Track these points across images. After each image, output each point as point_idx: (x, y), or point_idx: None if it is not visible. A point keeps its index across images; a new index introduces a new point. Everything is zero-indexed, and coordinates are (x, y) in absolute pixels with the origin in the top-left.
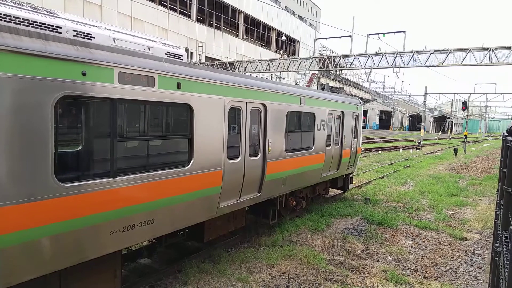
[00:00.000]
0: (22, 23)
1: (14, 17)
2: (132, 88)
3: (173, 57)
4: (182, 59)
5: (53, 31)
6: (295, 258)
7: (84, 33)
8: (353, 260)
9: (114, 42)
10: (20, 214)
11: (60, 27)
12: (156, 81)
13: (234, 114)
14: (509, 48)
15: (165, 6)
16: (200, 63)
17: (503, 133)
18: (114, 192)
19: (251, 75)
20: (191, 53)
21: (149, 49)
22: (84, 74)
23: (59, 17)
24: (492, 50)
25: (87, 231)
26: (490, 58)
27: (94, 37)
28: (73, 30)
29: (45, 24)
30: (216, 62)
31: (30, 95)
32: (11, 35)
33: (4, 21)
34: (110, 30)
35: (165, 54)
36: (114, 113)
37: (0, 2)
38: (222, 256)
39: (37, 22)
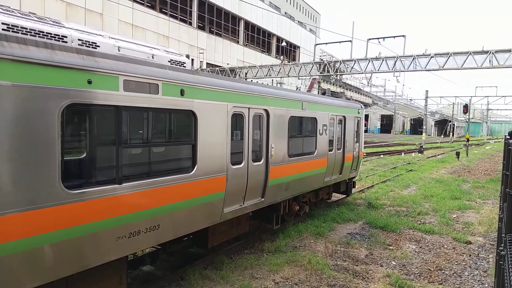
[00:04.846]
0: (29, 33)
1: (21, 27)
2: (136, 96)
3: (176, 65)
4: (185, 67)
5: (59, 41)
6: (298, 263)
7: (89, 42)
8: (356, 265)
9: (119, 50)
10: (29, 221)
11: (66, 37)
12: (160, 88)
13: (237, 120)
14: (509, 51)
15: (165, 13)
16: (201, 70)
17: (505, 136)
18: (119, 199)
19: (251, 80)
20: (192, 59)
21: (152, 57)
22: (89, 82)
23: (64, 27)
24: (492, 53)
25: (93, 238)
26: (490, 61)
27: (99, 46)
28: (79, 39)
29: (51, 33)
30: (217, 68)
31: (38, 103)
32: (19, 45)
33: (12, 31)
34: (114, 38)
35: (169, 61)
36: (119, 120)
37: (8, 13)
38: (225, 262)
39: (43, 32)
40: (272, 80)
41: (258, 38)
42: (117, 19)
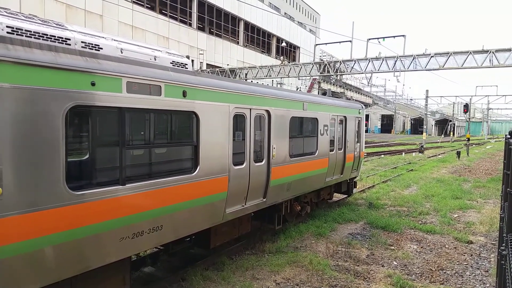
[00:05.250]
0: (33, 36)
1: (25, 30)
2: (139, 97)
3: (179, 66)
4: (187, 68)
5: (63, 43)
6: (299, 264)
7: (92, 44)
8: (358, 266)
9: (121, 52)
10: (34, 222)
11: (69, 39)
12: (162, 89)
13: (239, 121)
14: (509, 50)
15: (165, 14)
16: (201, 71)
17: (506, 135)
18: (122, 200)
19: (251, 81)
20: (192, 60)
21: (155, 59)
22: (93, 84)
23: (67, 29)
24: (493, 52)
25: (97, 239)
26: (490, 61)
27: (101, 48)
28: (82, 42)
29: (54, 36)
30: (217, 69)
31: (42, 105)
32: (24, 48)
33: (16, 34)
34: (117, 41)
35: (171, 63)
36: (123, 121)
37: (12, 16)
38: (226, 263)
39: (47, 35)
40: (272, 80)
41: (258, 38)
42: (117, 20)
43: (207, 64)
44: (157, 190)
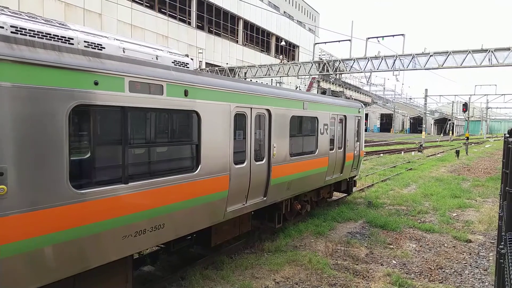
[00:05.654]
0: (36, 35)
1: (29, 29)
2: (141, 96)
3: (180, 66)
4: (188, 67)
5: (66, 43)
6: (298, 263)
7: (95, 43)
8: (357, 264)
9: (124, 52)
10: (38, 220)
11: (72, 38)
12: (164, 89)
13: (240, 120)
14: (508, 49)
15: (164, 13)
16: (200, 70)
17: (505, 134)
18: (125, 198)
19: (251, 80)
20: (191, 59)
21: (156, 58)
22: (96, 83)
23: (70, 29)
24: (492, 51)
25: (100, 237)
26: (489, 60)
27: (104, 48)
28: (84, 41)
29: (57, 36)
30: (216, 68)
31: (46, 104)
32: (28, 48)
33: (20, 34)
34: (119, 40)
35: (172, 62)
36: (125, 121)
37: (16, 16)
38: (225, 262)
39: (50, 34)
40: (272, 79)
41: (257, 37)
42: (116, 19)
43: (206, 63)
44: (159, 189)
